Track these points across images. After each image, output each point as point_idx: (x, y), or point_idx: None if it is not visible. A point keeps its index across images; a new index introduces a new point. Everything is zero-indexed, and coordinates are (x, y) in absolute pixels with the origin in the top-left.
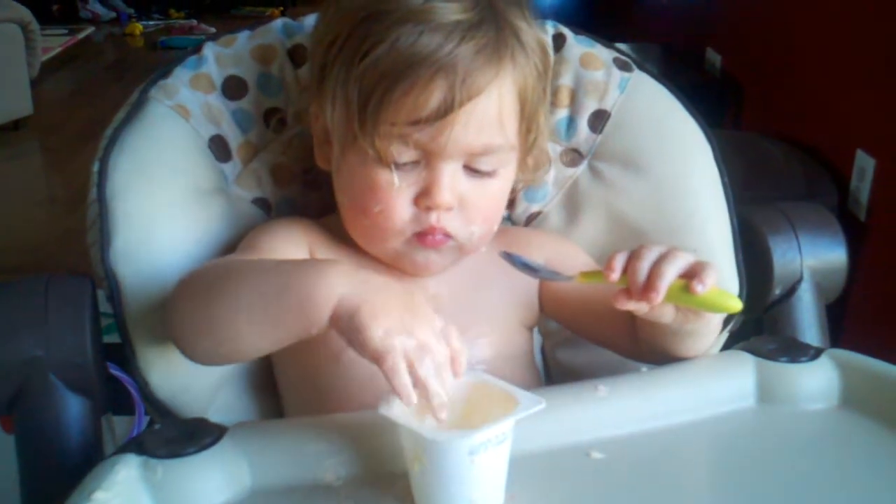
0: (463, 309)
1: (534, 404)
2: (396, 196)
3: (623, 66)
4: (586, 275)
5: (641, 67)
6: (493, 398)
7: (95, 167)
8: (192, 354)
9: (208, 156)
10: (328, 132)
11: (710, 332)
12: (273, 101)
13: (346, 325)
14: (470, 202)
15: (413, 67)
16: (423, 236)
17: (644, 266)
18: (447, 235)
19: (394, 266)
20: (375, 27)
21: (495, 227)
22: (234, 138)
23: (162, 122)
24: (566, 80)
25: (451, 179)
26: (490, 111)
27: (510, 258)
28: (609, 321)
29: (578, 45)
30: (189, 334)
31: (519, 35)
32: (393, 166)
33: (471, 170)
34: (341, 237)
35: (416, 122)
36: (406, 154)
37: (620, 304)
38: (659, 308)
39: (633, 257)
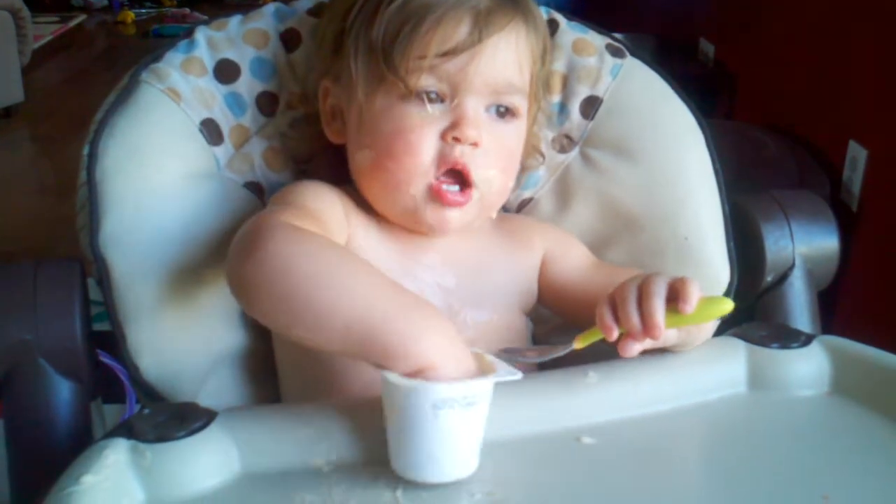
0: (468, 293)
1: (509, 374)
2: (425, 129)
3: (616, 53)
4: (584, 338)
5: (634, 54)
6: (482, 368)
7: (85, 150)
8: (255, 313)
9: (200, 139)
10: (339, 108)
11: (708, 329)
12: (266, 85)
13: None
14: (490, 145)
15: (438, 6)
16: (445, 194)
17: (632, 310)
18: (469, 184)
19: (412, 226)
20: None
21: (510, 185)
22: (226, 122)
23: (153, 105)
24: (558, 66)
25: (475, 115)
26: (511, 51)
27: (508, 352)
28: None
29: (571, 31)
30: (266, 300)
31: (530, 6)
32: (422, 101)
33: (492, 113)
34: (359, 204)
35: (445, 54)
36: (433, 89)
37: (630, 353)
38: (663, 337)
39: (617, 305)
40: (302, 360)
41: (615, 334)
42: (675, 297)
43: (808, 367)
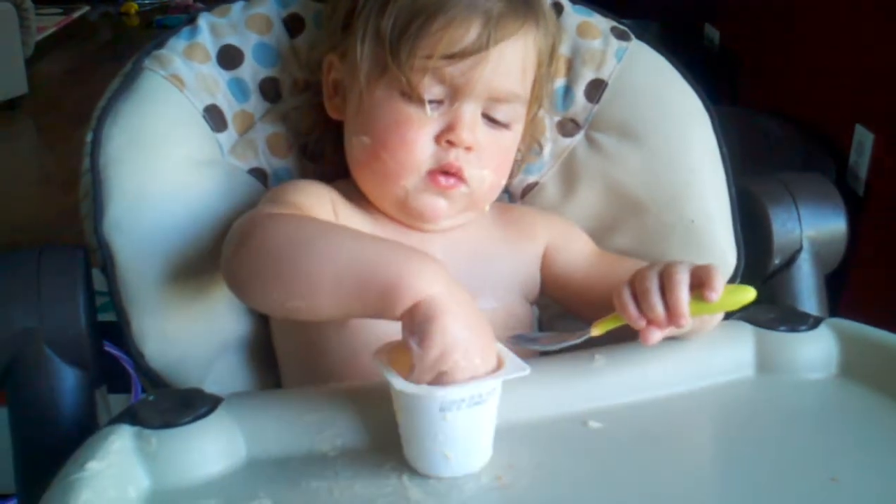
0: (468, 280)
1: (517, 370)
2: (422, 130)
3: (621, 36)
4: (602, 325)
5: (640, 37)
6: None
7: (89, 137)
8: (251, 299)
9: (203, 126)
10: (341, 84)
11: (719, 314)
12: (269, 70)
13: (418, 325)
14: (485, 148)
15: (450, 5)
16: (436, 176)
17: (656, 299)
18: (461, 179)
19: (403, 216)
20: None
21: (503, 182)
22: (229, 108)
23: (156, 92)
24: (563, 50)
25: (472, 120)
26: (516, 58)
27: (517, 340)
28: (602, 306)
29: (576, 14)
30: (258, 281)
31: (542, 3)
32: (422, 102)
33: (488, 119)
34: (352, 199)
35: (451, 57)
36: (434, 90)
37: (653, 341)
38: None
39: (639, 295)
40: (301, 353)
41: (643, 323)
42: (698, 285)
43: (816, 349)
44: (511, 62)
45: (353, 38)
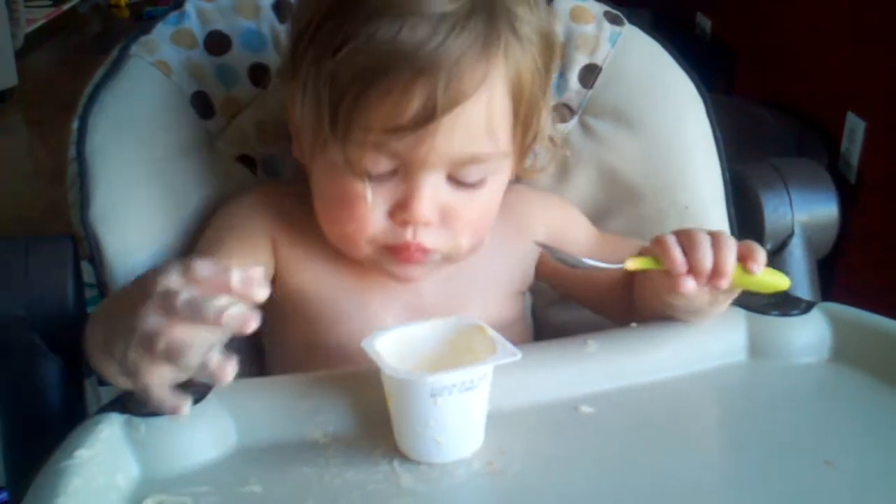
0: (460, 279)
1: (508, 356)
2: (369, 210)
3: (614, 20)
4: (637, 261)
5: (633, 22)
6: (481, 344)
7: (75, 125)
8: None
9: (191, 112)
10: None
11: (721, 306)
12: (258, 56)
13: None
14: (455, 215)
15: (391, 67)
16: (396, 250)
17: (706, 254)
18: (426, 251)
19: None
20: (351, 16)
21: (486, 237)
22: (217, 95)
23: (143, 78)
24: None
25: (432, 192)
26: (478, 118)
27: (548, 249)
28: (607, 289)
29: None
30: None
31: (514, 24)
32: (367, 178)
33: (455, 181)
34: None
35: (393, 130)
36: (381, 164)
37: (687, 289)
38: (698, 295)
39: (689, 247)
40: (295, 353)
41: (684, 269)
42: (741, 258)
43: (808, 334)
44: (470, 124)
45: (298, 88)
